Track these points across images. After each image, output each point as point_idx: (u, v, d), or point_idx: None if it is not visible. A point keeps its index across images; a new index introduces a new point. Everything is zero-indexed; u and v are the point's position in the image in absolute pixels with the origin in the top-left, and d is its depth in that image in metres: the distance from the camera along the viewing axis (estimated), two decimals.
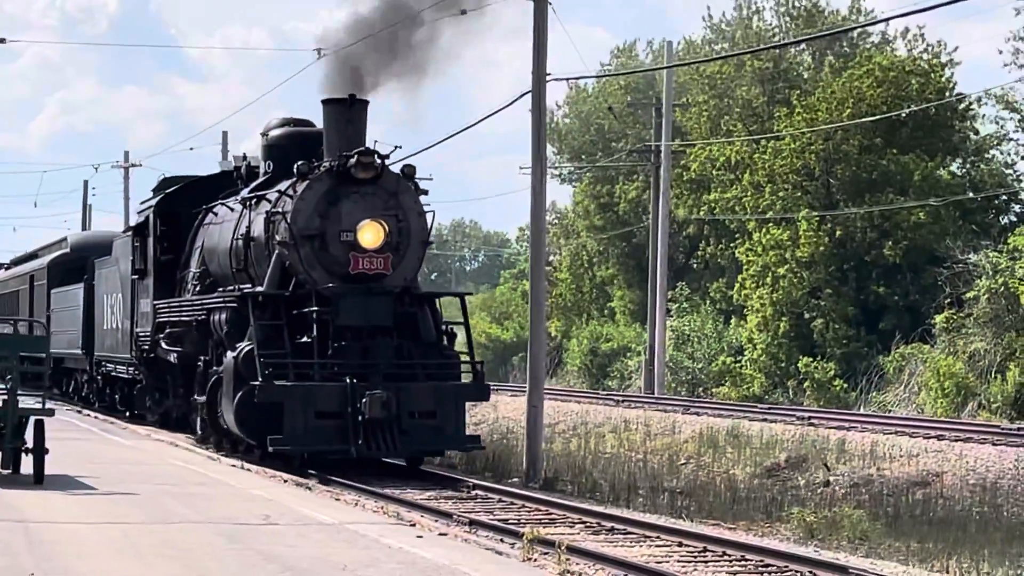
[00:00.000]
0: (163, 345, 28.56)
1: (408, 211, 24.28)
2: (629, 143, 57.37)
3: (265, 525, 15.29)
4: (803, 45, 54.31)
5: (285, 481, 20.51)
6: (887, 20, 47.52)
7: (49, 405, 19.56)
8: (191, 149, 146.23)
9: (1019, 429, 30.10)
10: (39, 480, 18.40)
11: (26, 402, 19.38)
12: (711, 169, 51.72)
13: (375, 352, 23.42)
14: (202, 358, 26.16)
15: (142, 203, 32.38)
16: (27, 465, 18.72)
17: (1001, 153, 50.85)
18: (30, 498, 17.02)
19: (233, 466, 22.68)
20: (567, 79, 31.98)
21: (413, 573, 12.47)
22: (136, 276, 31.22)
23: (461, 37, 27.79)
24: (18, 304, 49.54)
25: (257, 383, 22.43)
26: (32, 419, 18.87)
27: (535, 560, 13.87)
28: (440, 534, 15.32)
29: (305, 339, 23.46)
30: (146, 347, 30.03)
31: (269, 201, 24.94)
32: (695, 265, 57.57)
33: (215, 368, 25.16)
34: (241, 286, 25.35)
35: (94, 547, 13.49)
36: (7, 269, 58.43)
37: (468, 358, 25.22)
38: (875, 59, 49.32)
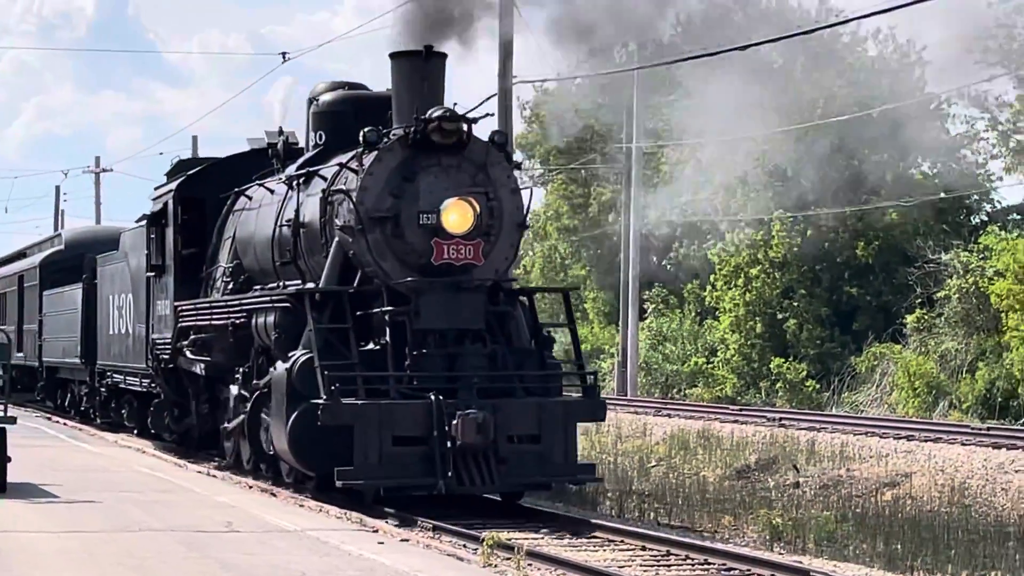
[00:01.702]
0: (187, 354, 23.57)
1: (500, 187, 19.40)
2: (602, 146, 57.35)
3: (227, 533, 15.28)
4: (773, 45, 54.27)
5: (250, 487, 20.45)
6: (856, 19, 47.41)
7: (12, 413, 19.52)
8: (160, 154, 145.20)
9: (989, 429, 30.16)
10: (2, 488, 18.34)
11: None
12: (681, 171, 51.68)
13: (464, 362, 18.61)
14: (240, 369, 21.34)
15: (157, 188, 27.34)
16: None
17: (972, 153, 50.94)
18: None
19: (199, 472, 22.66)
20: (533, 81, 30.22)
21: None
22: (152, 273, 26.13)
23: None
24: (5, 308, 45.08)
25: (320, 401, 17.63)
26: None
27: (495, 566, 13.84)
28: (402, 540, 15.30)
29: (371, 345, 18.92)
30: (166, 356, 25.06)
31: (324, 178, 20.19)
32: (668, 267, 57.56)
33: (257, 382, 20.47)
34: (288, 282, 20.94)
35: (52, 557, 13.49)
36: None
37: (572, 367, 21.08)
38: (846, 60, 49.45)
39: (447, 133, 18.89)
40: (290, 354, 18.73)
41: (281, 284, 21.00)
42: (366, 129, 18.99)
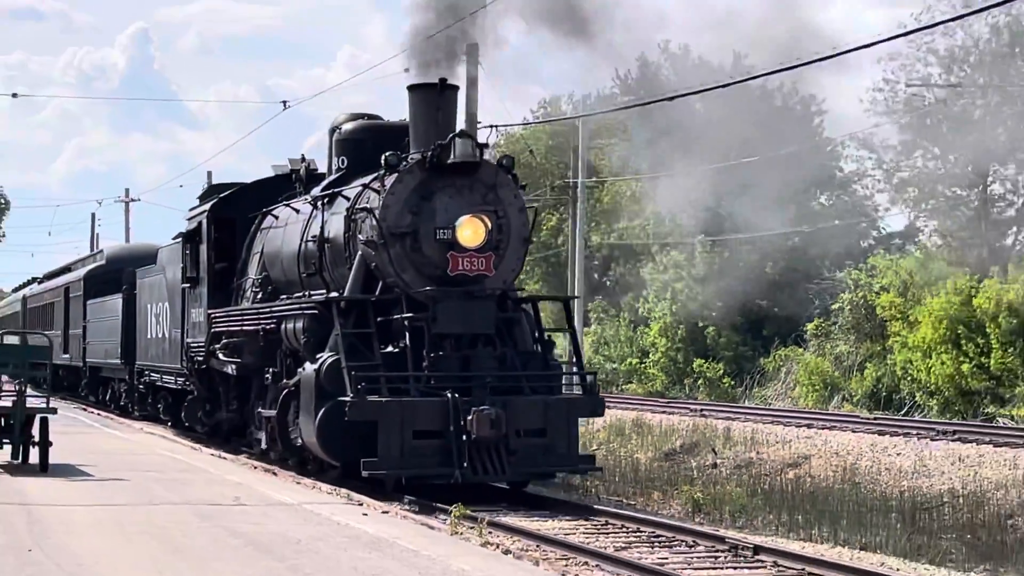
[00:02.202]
0: (220, 356, 22.71)
1: (508, 206, 18.50)
2: (552, 180, 57.44)
3: (235, 506, 15.24)
4: (697, 97, 54.41)
5: (255, 468, 20.35)
6: (764, 75, 47.55)
7: (52, 404, 19.47)
8: (181, 186, 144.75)
9: (875, 419, 30.33)
10: (44, 469, 18.31)
11: (33, 402, 19.33)
12: (620, 202, 51.80)
13: (477, 363, 17.87)
14: (270, 370, 20.34)
15: (192, 210, 26.13)
16: (35, 456, 18.63)
17: (861, 187, 51.27)
18: (34, 484, 16.93)
19: (212, 455, 22.50)
20: (493, 126, 29.05)
21: (358, 545, 12.46)
22: (187, 284, 25.09)
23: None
24: (52, 316, 44.12)
25: (347, 398, 16.93)
26: (39, 417, 18.80)
27: (461, 533, 13.84)
28: (383, 512, 15.26)
29: (391, 348, 18.01)
30: (199, 358, 24.04)
31: (347, 198, 19.28)
32: (608, 283, 57.65)
33: (286, 381, 19.56)
34: (313, 292, 19.91)
35: (86, 526, 13.44)
36: (41, 283, 52.10)
37: (571, 368, 20.36)
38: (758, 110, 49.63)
39: (463, 155, 18.01)
40: (317, 356, 17.95)
41: (306, 294, 20.03)
42: (387, 153, 18.24)
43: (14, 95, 57.96)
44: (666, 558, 13.79)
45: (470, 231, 17.78)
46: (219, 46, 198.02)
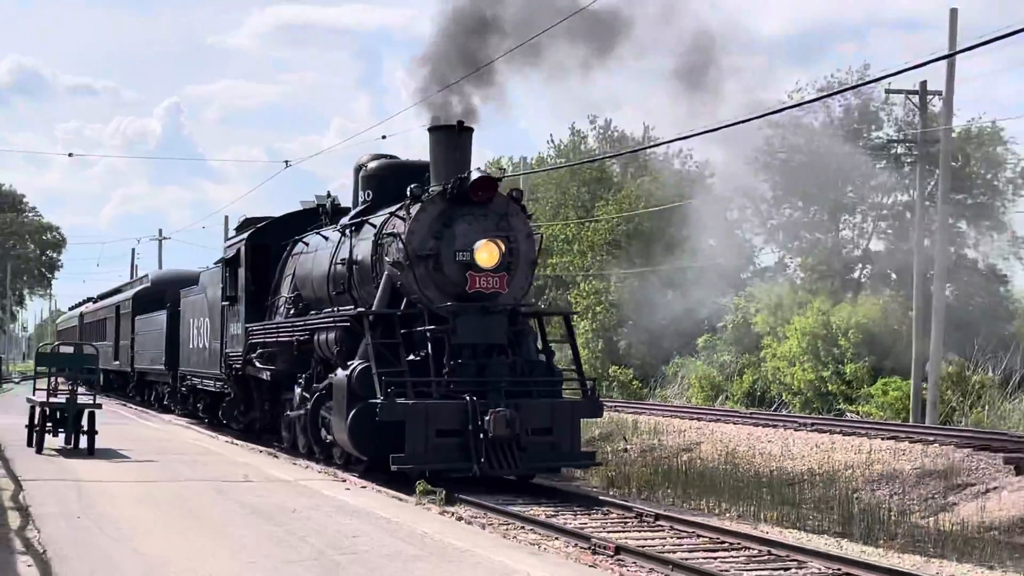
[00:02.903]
0: (256, 363, 21.45)
1: (518, 232, 17.33)
2: None
3: (243, 482, 15.13)
4: (613, 160, 54.67)
5: (259, 451, 20.22)
6: (668, 142, 47.87)
7: (99, 400, 19.34)
8: (203, 227, 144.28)
9: (751, 413, 30.43)
10: (91, 452, 18.16)
11: (83, 398, 19.26)
12: (553, 243, 51.87)
13: (492, 370, 16.58)
14: (303, 375, 19.14)
15: (229, 239, 25.10)
16: (84, 442, 18.50)
17: (741, 231, 51.61)
18: (84, 465, 16.76)
19: (226, 442, 22.34)
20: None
21: (342, 513, 12.40)
22: (227, 303, 23.76)
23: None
24: (105, 329, 43.14)
25: (377, 401, 15.70)
26: (87, 411, 18.68)
27: (424, 504, 13.80)
28: (362, 487, 15.19)
29: (412, 357, 16.65)
30: (237, 365, 22.77)
31: (373, 226, 18.04)
32: (542, 304, 57.70)
33: (316, 385, 18.38)
34: (340, 308, 18.64)
35: (124, 498, 13.32)
36: (95, 302, 50.96)
37: (575, 375, 18.35)
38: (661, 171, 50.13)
39: (484, 188, 16.94)
40: (348, 363, 16.68)
41: (335, 309, 18.73)
42: (413, 186, 17.01)
43: (70, 155, 57.78)
44: (585, 523, 13.79)
45: (486, 254, 16.72)
46: (236, 117, 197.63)
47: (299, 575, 8.90)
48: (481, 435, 15.56)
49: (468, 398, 15.78)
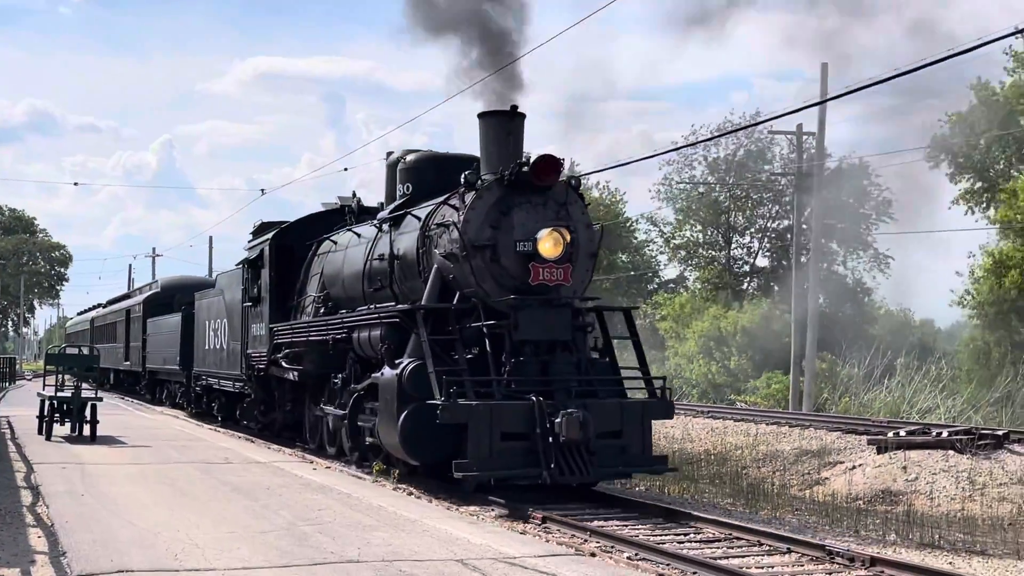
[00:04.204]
0: (282, 364, 18.35)
1: (577, 222, 13.94)
2: None
3: (224, 464, 14.93)
4: None
5: (239, 437, 19.98)
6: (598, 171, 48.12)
7: (100, 395, 19.11)
8: (191, 246, 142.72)
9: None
10: (93, 438, 17.88)
11: (87, 393, 19.02)
12: None
13: (556, 368, 13.36)
14: (339, 375, 16.02)
15: (251, 242, 21.47)
16: (87, 430, 18.25)
17: (649, 251, 51.95)
18: (86, 450, 16.48)
19: (210, 429, 22.07)
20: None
21: (309, 490, 12.27)
22: (249, 304, 20.44)
23: None
24: (116, 332, 40.04)
25: (435, 402, 12.44)
26: (90, 403, 18.44)
27: (381, 482, 13.70)
28: (326, 467, 15.07)
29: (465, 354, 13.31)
30: (261, 365, 19.55)
31: (417, 218, 14.85)
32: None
33: (354, 386, 15.30)
34: (378, 305, 15.29)
35: (120, 477, 13.11)
36: (105, 307, 47.25)
37: (636, 374, 14.59)
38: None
39: (544, 174, 13.56)
40: (397, 361, 13.48)
41: (371, 307, 15.49)
42: (467, 172, 13.91)
43: (75, 183, 56.91)
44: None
45: (550, 243, 13.50)
46: (220, 152, 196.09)
47: (272, 543, 8.82)
48: (550, 439, 12.31)
49: (534, 398, 12.53)
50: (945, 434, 18.22)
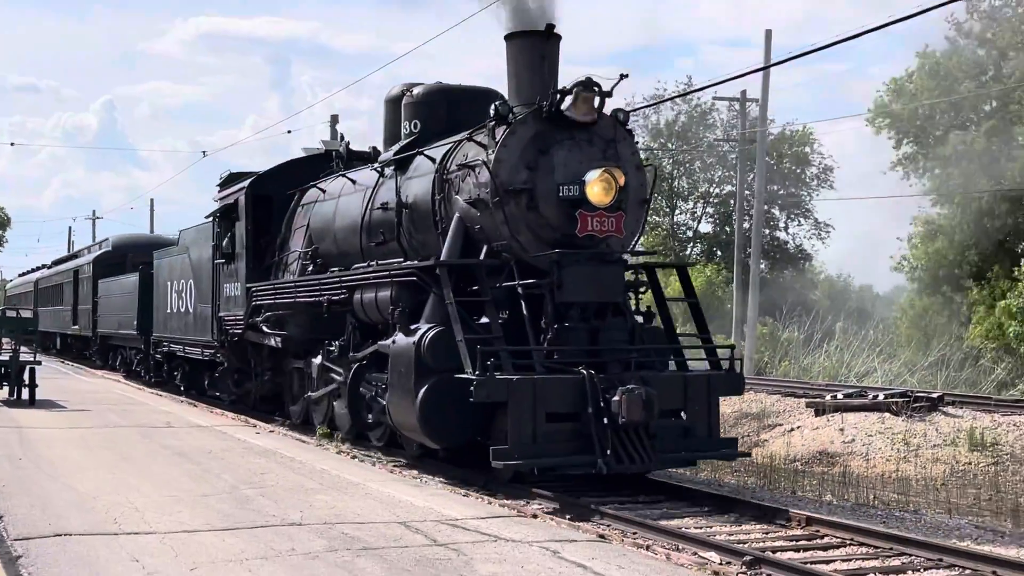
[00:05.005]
0: (263, 328, 16.17)
1: (626, 163, 11.45)
2: None
3: (166, 428, 14.83)
4: None
5: (181, 401, 19.85)
6: None
7: (40, 359, 18.88)
8: (131, 208, 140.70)
9: None
10: (32, 402, 17.69)
11: (25, 356, 18.76)
12: None
13: (607, 335, 11.08)
14: (334, 342, 13.89)
15: (221, 192, 18.76)
16: (26, 394, 18.02)
17: None
18: (25, 414, 16.30)
19: (149, 393, 21.88)
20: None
21: (251, 452, 12.25)
22: (222, 261, 18.00)
23: None
24: (62, 295, 37.17)
25: (466, 375, 10.19)
26: (28, 367, 18.21)
27: (323, 446, 13.66)
28: (270, 431, 14.99)
29: (486, 320, 11.00)
30: (236, 330, 17.24)
31: (431, 159, 12.45)
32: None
33: (354, 354, 13.24)
34: (381, 261, 13.15)
35: (60, 442, 12.97)
36: (50, 268, 43.96)
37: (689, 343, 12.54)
38: None
39: (587, 104, 11.26)
40: (413, 327, 11.22)
41: (370, 264, 13.44)
42: (497, 103, 11.48)
43: (12, 144, 55.82)
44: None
45: (601, 187, 11.04)
46: (163, 113, 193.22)
47: (214, 506, 8.78)
48: (604, 419, 10.21)
49: (584, 372, 10.39)
50: (881, 397, 18.55)
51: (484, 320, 10.99)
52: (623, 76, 11.15)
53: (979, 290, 30.92)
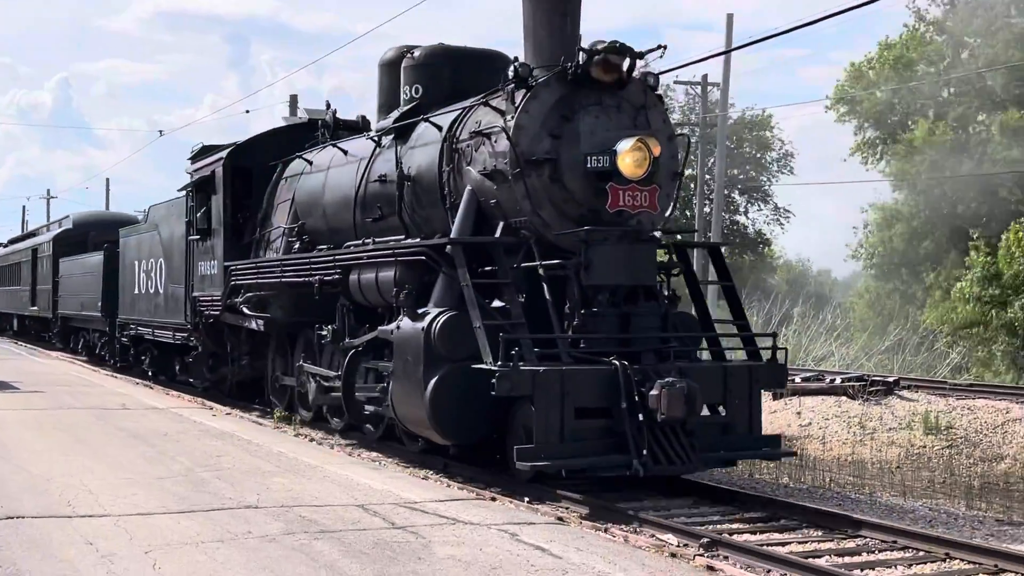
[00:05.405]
0: (244, 310, 14.95)
1: (657, 132, 10.34)
2: None
3: (121, 410, 14.69)
4: None
5: (137, 383, 19.67)
6: None
7: None
8: (87, 188, 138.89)
9: None
10: None
11: None
12: None
13: (639, 322, 10.02)
14: (326, 328, 12.65)
15: (195, 164, 17.41)
16: None
17: None
18: None
19: (106, 375, 21.67)
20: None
21: (207, 435, 12.16)
22: (197, 237, 16.69)
23: None
24: (20, 274, 35.57)
25: (492, 367, 9.08)
26: None
27: (281, 428, 13.61)
28: (226, 414, 14.90)
29: (497, 303, 10.01)
30: (213, 312, 16.03)
31: (437, 126, 11.28)
32: None
33: (349, 340, 12.11)
34: (378, 239, 12.06)
35: (14, 423, 12.82)
36: (6, 247, 41.89)
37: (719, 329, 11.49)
38: None
39: (611, 68, 10.14)
40: (421, 311, 10.18)
41: (364, 242, 12.34)
42: (518, 63, 10.27)
43: None
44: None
45: (634, 158, 9.91)
46: (119, 91, 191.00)
47: (169, 488, 8.71)
48: (640, 416, 9.15)
49: (616, 362, 9.33)
50: (838, 381, 18.73)
51: (497, 304, 9.93)
52: (662, 47, 10.25)
53: (935, 275, 31.29)
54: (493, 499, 8.95)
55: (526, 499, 9.20)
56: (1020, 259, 25.10)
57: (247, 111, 54.43)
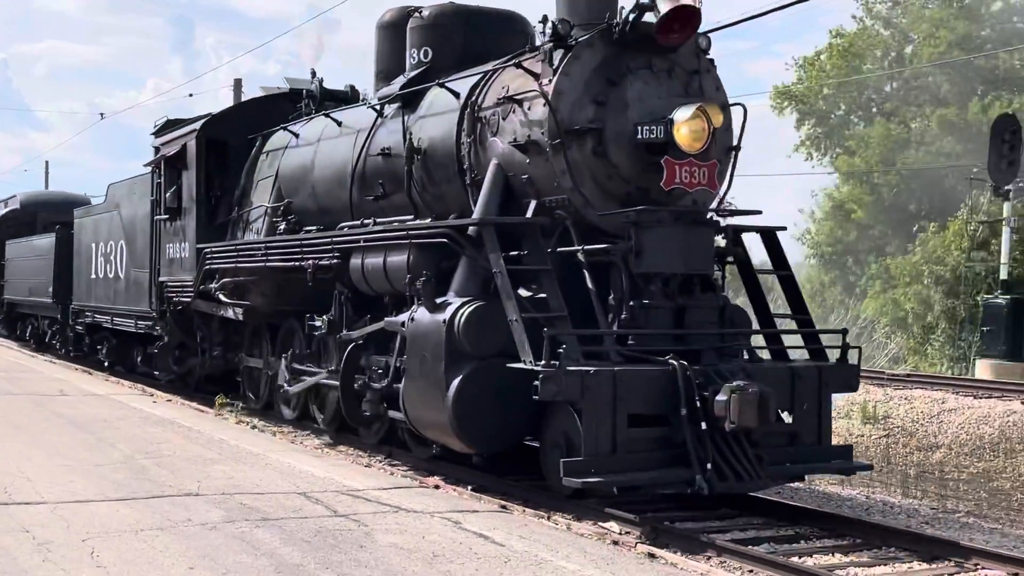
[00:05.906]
0: (221, 297, 13.45)
1: (713, 101, 8.92)
2: None
3: (59, 396, 14.51)
4: None
5: (76, 369, 19.41)
6: None
7: None
8: (25, 171, 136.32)
9: None
10: None
11: None
12: None
13: (696, 315, 8.73)
14: (320, 318, 11.27)
15: (161, 136, 15.85)
16: None
17: None
18: None
19: (44, 360, 21.37)
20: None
21: (149, 423, 12.05)
22: (165, 217, 15.13)
23: None
24: None
25: (535, 367, 7.72)
26: None
27: (223, 416, 13.50)
28: (167, 400, 14.77)
29: (524, 292, 8.77)
30: (184, 298, 14.57)
31: (454, 93, 9.93)
32: None
33: (347, 333, 10.71)
34: (380, 219, 10.83)
35: None
36: None
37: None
38: None
39: (668, 28, 8.67)
40: (439, 301, 8.89)
41: (363, 222, 11.07)
42: (557, 19, 8.95)
43: None
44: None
45: (692, 129, 8.54)
46: (60, 73, 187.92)
47: (108, 476, 8.63)
48: (702, 424, 7.94)
49: (675, 363, 8.08)
50: None
51: (524, 293, 8.74)
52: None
53: (876, 266, 31.76)
54: (436, 487, 8.97)
55: (469, 487, 9.21)
56: (958, 252, 25.52)
57: (190, 95, 53.90)
